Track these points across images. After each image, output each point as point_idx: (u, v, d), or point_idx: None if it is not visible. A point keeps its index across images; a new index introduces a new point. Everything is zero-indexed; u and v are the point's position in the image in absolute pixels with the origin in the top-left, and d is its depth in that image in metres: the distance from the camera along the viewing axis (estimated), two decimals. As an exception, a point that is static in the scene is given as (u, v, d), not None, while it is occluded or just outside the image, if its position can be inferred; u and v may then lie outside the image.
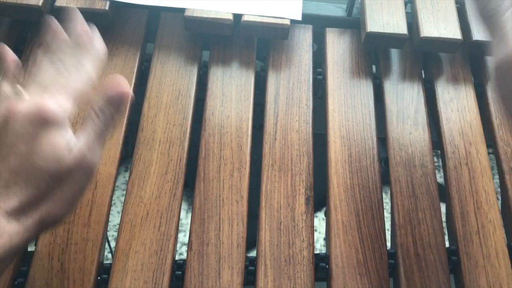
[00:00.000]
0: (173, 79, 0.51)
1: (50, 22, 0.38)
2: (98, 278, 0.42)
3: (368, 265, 0.43)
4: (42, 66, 0.35)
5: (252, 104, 0.51)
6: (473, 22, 0.56)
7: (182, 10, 0.52)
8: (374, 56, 0.58)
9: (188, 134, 0.48)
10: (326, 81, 0.54)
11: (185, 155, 0.47)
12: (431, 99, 0.54)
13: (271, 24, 0.52)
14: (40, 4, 0.50)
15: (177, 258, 0.44)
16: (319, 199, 0.48)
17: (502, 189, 0.49)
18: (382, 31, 0.53)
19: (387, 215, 0.46)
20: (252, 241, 0.44)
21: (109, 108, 0.34)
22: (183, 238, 1.04)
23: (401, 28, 0.54)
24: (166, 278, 0.41)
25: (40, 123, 0.31)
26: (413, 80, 0.55)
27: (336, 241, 0.44)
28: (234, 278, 0.42)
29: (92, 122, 0.34)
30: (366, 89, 0.53)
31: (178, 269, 0.43)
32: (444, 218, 0.48)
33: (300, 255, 0.43)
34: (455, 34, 0.54)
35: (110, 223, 0.48)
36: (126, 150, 0.48)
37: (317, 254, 0.45)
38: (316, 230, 1.15)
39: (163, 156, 0.47)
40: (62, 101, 0.33)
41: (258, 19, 0.52)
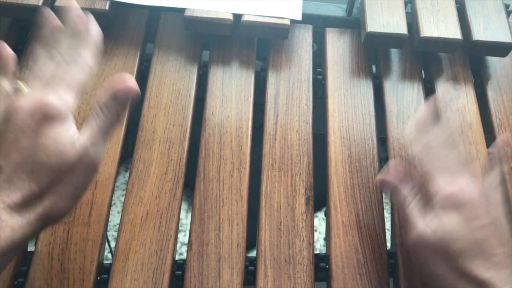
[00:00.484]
0: (173, 79, 0.51)
1: (45, 13, 0.38)
2: (98, 278, 0.42)
3: (368, 265, 0.43)
4: (41, 60, 0.35)
5: (252, 104, 0.51)
6: (473, 22, 0.56)
7: (182, 10, 0.52)
8: (374, 56, 0.58)
9: (188, 134, 0.48)
10: (326, 81, 0.54)
11: (185, 155, 0.47)
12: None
13: (271, 24, 0.52)
14: (40, 4, 0.50)
15: (177, 258, 0.44)
16: (319, 199, 0.48)
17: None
18: (382, 31, 0.53)
19: (387, 215, 0.46)
20: (252, 241, 0.44)
21: (114, 103, 0.34)
22: (183, 238, 1.04)
23: (401, 28, 0.54)
24: (166, 278, 0.41)
25: (42, 118, 0.31)
26: (413, 80, 0.55)
27: (336, 241, 0.44)
28: (234, 278, 0.42)
29: (96, 117, 0.33)
30: (366, 89, 0.53)
31: (178, 269, 0.43)
32: (444, 218, 0.47)
33: (300, 255, 0.43)
34: (455, 34, 0.54)
35: (110, 223, 0.48)
36: (126, 150, 0.48)
37: (317, 254, 0.45)
38: (316, 230, 1.15)
39: (163, 156, 0.47)
40: (63, 94, 0.33)
41: (258, 19, 0.52)
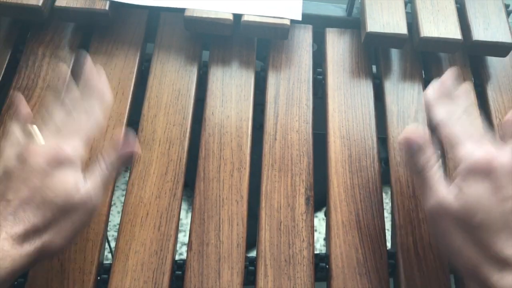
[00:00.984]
0: (173, 79, 0.51)
1: (61, 65, 0.44)
2: (98, 278, 0.42)
3: (368, 265, 0.43)
4: (55, 111, 0.38)
5: (252, 104, 0.51)
6: (473, 22, 0.56)
7: (182, 10, 0.52)
8: (374, 56, 0.58)
9: (188, 134, 0.48)
10: (326, 81, 0.54)
11: (185, 155, 0.47)
12: (431, 99, 0.54)
13: (271, 24, 0.52)
14: (40, 4, 0.50)
15: (177, 258, 0.44)
16: (319, 199, 0.48)
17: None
18: (382, 31, 0.53)
19: (387, 215, 0.46)
20: (252, 241, 0.44)
21: (117, 163, 0.38)
22: (183, 238, 1.04)
23: (401, 28, 0.54)
24: (166, 278, 0.41)
25: (56, 163, 0.34)
26: (413, 80, 0.55)
27: (336, 241, 0.44)
28: (234, 278, 0.42)
29: (100, 170, 0.37)
30: (366, 89, 0.53)
31: (178, 269, 0.43)
32: (444, 218, 0.47)
33: (300, 255, 0.43)
34: (455, 34, 0.54)
35: (110, 223, 0.48)
36: (126, 150, 0.48)
37: (317, 254, 0.45)
38: (316, 230, 1.15)
39: (163, 156, 0.47)
40: (74, 143, 0.36)
41: (258, 19, 0.52)
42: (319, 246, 1.13)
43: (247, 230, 0.44)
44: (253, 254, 0.44)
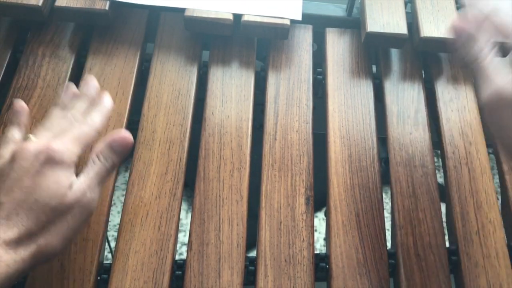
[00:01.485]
0: (173, 79, 0.51)
1: (66, 84, 0.43)
2: (98, 278, 0.42)
3: (368, 265, 0.43)
4: (54, 117, 0.39)
5: (252, 104, 0.51)
6: (473, 22, 0.56)
7: (182, 10, 0.52)
8: (374, 56, 0.58)
9: (188, 134, 0.48)
10: (326, 81, 0.54)
11: (185, 155, 0.47)
12: (431, 99, 0.54)
13: (271, 24, 0.52)
14: (40, 4, 0.50)
15: (177, 258, 0.44)
16: (319, 199, 0.48)
17: (502, 189, 0.49)
18: (382, 31, 0.53)
19: (387, 215, 0.46)
20: (252, 241, 0.44)
21: (109, 153, 0.37)
22: (183, 238, 1.04)
23: (401, 28, 0.54)
24: (166, 278, 0.41)
25: (46, 160, 0.33)
26: (413, 80, 0.55)
27: (336, 241, 0.44)
28: (234, 278, 0.42)
29: (93, 164, 0.36)
30: (366, 89, 0.53)
31: (178, 269, 0.43)
32: (444, 218, 0.48)
33: (300, 255, 0.43)
34: (455, 34, 0.54)
35: (110, 223, 0.48)
36: (126, 150, 0.48)
37: (317, 254, 0.45)
38: (316, 230, 1.15)
39: (163, 156, 0.47)
40: (69, 144, 0.35)
41: (258, 19, 0.52)
42: (319, 246, 1.13)
43: (247, 230, 0.44)
44: (253, 254, 0.44)
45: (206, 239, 0.43)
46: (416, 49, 0.56)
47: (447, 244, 0.46)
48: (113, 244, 0.64)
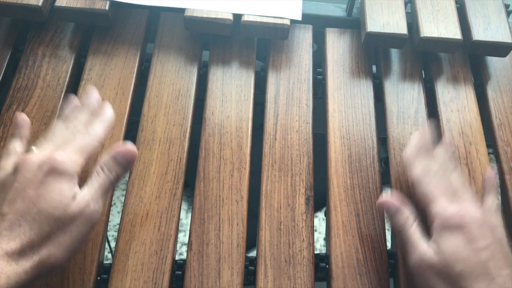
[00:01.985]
0: (173, 79, 0.51)
1: (69, 96, 0.43)
2: (98, 278, 0.42)
3: (368, 265, 0.43)
4: (57, 129, 0.39)
5: (252, 104, 0.51)
6: (473, 22, 0.56)
7: (182, 10, 0.52)
8: (374, 56, 0.58)
9: (188, 134, 0.48)
10: (326, 81, 0.54)
11: (185, 155, 0.47)
12: (431, 99, 0.54)
13: (271, 24, 0.52)
14: (40, 4, 0.50)
15: (177, 258, 0.44)
16: (319, 199, 0.48)
17: (502, 189, 0.49)
18: (382, 31, 0.53)
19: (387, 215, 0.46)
20: (252, 241, 0.44)
21: (113, 165, 0.37)
22: (183, 238, 1.04)
23: (401, 28, 0.54)
24: (166, 278, 0.41)
25: (49, 171, 0.34)
26: (413, 80, 0.55)
27: (336, 241, 0.44)
28: (234, 278, 0.42)
29: (97, 176, 0.36)
30: (366, 89, 0.53)
31: (178, 269, 0.43)
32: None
33: (300, 255, 0.43)
34: (455, 34, 0.54)
35: (110, 223, 0.48)
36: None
37: (317, 254, 0.45)
38: (316, 230, 1.15)
39: (163, 156, 0.47)
40: (72, 155, 0.36)
41: (258, 19, 0.52)
42: (319, 246, 1.13)
43: (247, 230, 0.44)
44: (253, 254, 0.44)
45: (206, 239, 0.43)
46: (416, 49, 0.56)
47: (447, 244, 0.46)
48: (113, 244, 0.64)
